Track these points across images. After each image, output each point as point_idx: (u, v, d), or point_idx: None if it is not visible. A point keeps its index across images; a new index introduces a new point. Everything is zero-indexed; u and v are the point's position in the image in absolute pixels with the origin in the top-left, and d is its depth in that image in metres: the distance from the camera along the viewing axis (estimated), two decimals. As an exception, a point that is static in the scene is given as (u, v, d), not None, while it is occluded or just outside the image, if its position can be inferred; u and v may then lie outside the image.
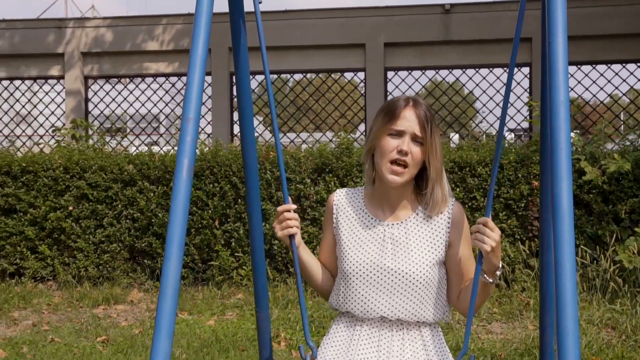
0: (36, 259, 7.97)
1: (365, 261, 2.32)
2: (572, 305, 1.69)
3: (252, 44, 10.05)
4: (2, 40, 11.65)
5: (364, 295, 2.31)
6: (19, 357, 5.63)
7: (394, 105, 2.33)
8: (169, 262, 1.72)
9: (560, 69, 1.87)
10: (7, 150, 8.70)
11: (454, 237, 2.39)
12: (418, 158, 2.28)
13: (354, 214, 2.44)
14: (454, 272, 2.40)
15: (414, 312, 2.30)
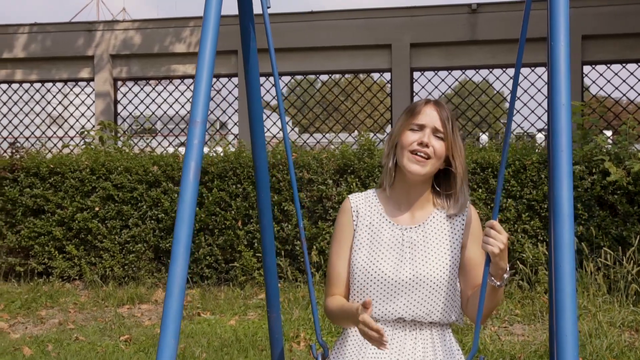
0: (64, 259, 8.11)
1: (385, 266, 2.34)
2: (570, 307, 1.70)
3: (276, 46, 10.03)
4: (34, 44, 11.86)
5: (382, 299, 2.34)
6: (43, 355, 5.74)
7: (415, 104, 2.41)
8: (175, 263, 1.76)
9: (562, 70, 1.87)
10: (36, 152, 8.84)
11: (468, 239, 2.41)
12: (440, 152, 2.31)
13: (372, 218, 2.44)
14: (465, 276, 2.41)
15: (429, 313, 2.33)
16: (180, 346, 5.88)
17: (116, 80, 11.76)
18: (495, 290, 2.28)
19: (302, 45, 11.22)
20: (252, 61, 2.80)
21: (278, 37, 11.24)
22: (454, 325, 2.62)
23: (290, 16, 11.36)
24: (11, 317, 6.96)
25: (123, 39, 11.61)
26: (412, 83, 11.10)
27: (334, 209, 7.45)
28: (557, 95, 1.86)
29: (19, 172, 8.21)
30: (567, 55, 1.89)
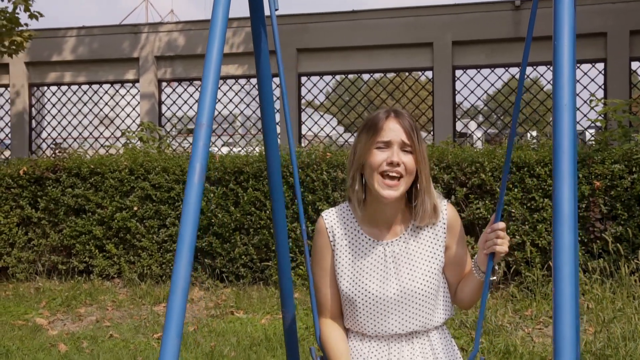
0: (104, 258, 8.27)
1: (371, 286, 2.29)
2: (570, 310, 1.66)
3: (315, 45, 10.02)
4: (82, 47, 12.13)
5: (375, 318, 2.30)
6: (78, 351, 5.88)
7: (375, 118, 2.28)
8: (179, 263, 1.74)
9: (565, 70, 1.82)
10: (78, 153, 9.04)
11: (450, 240, 2.37)
12: (411, 167, 2.22)
13: (349, 237, 2.36)
14: (451, 272, 2.40)
15: (424, 322, 2.31)
16: (211, 344, 5.95)
17: (160, 82, 11.94)
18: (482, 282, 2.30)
19: (343, 45, 11.23)
20: (263, 62, 2.80)
21: (320, 37, 11.34)
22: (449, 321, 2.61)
23: (332, 15, 11.37)
24: (51, 314, 7.14)
25: (167, 41, 11.79)
26: (454, 81, 11.00)
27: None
28: (559, 96, 1.81)
29: (61, 173, 8.40)
30: (571, 54, 1.84)
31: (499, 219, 2.26)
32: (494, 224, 2.23)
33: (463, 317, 6.36)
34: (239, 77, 11.66)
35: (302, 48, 11.30)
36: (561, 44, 1.84)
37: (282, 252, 2.88)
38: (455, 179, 7.43)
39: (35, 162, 8.58)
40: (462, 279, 2.39)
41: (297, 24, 11.34)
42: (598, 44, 10.62)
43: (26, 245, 8.55)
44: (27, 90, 12.30)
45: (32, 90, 12.42)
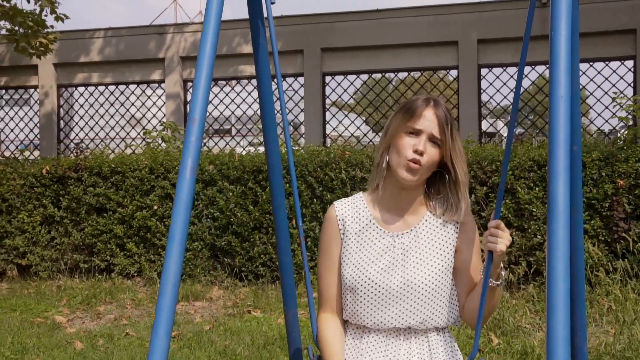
0: (125, 256, 8.33)
1: (375, 275, 2.24)
2: (563, 309, 1.61)
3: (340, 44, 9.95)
4: (109, 48, 12.23)
5: (375, 308, 2.26)
6: (93, 349, 5.90)
7: (413, 104, 2.26)
8: (169, 260, 1.73)
9: (562, 62, 1.78)
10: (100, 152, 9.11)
11: (462, 242, 2.32)
12: (433, 160, 2.20)
13: (360, 227, 2.33)
14: (461, 278, 2.33)
15: (424, 320, 2.26)
16: (225, 343, 5.94)
17: (186, 82, 11.99)
18: (493, 290, 2.22)
19: (368, 44, 11.16)
20: (262, 57, 2.77)
21: (344, 36, 11.29)
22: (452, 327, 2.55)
23: (356, 14, 11.32)
24: (71, 312, 7.20)
25: (192, 41, 11.84)
26: (480, 80, 10.87)
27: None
28: (556, 88, 1.77)
29: (83, 172, 8.48)
30: (567, 45, 1.80)
31: (497, 216, 2.21)
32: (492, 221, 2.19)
33: (481, 317, 6.25)
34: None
35: (326, 47, 11.26)
36: (558, 35, 1.79)
37: (282, 250, 2.85)
38: (475, 178, 7.34)
39: (58, 161, 8.68)
40: (473, 289, 2.32)
41: (321, 23, 11.30)
42: (627, 41, 10.42)
43: (49, 243, 8.64)
44: (55, 91, 12.44)
45: (60, 91, 12.55)
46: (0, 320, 6.82)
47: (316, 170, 7.66)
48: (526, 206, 7.11)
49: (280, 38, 11.39)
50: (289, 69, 11.48)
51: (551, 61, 1.79)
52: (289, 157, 2.58)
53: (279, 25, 11.42)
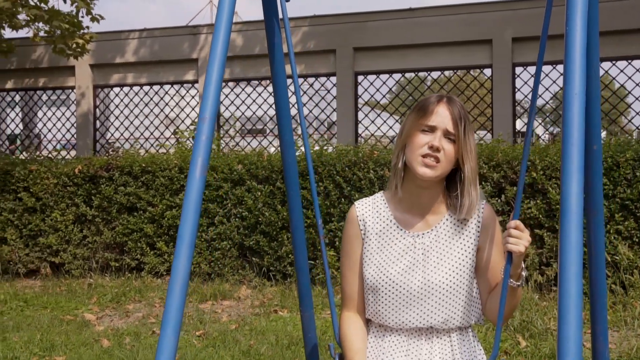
0: (154, 255, 8.39)
1: (396, 276, 2.25)
2: (575, 313, 1.58)
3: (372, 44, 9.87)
4: (143, 49, 12.35)
5: (396, 309, 2.26)
6: (119, 347, 5.95)
7: (426, 101, 2.26)
8: (178, 260, 1.72)
9: (577, 57, 1.74)
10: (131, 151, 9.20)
11: (484, 241, 2.31)
12: (450, 155, 2.19)
13: (381, 226, 2.33)
14: (482, 278, 2.33)
15: (446, 319, 2.25)
16: (250, 343, 5.95)
17: (219, 82, 12.04)
18: (514, 290, 2.21)
19: (401, 43, 11.09)
20: (277, 58, 2.76)
21: (377, 35, 11.23)
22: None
23: (389, 13, 11.26)
24: (100, 310, 7.28)
25: (225, 41, 11.87)
26: (514, 79, 10.73)
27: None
28: (570, 84, 1.74)
29: (114, 171, 8.57)
30: (583, 40, 1.77)
31: (516, 217, 2.19)
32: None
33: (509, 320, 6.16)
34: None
35: (358, 47, 11.22)
36: (573, 29, 1.77)
37: (299, 250, 2.83)
38: (506, 178, 7.24)
39: (90, 160, 8.78)
40: (494, 288, 2.31)
41: (354, 22, 11.26)
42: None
43: (81, 242, 8.75)
44: (91, 91, 12.60)
45: (96, 92, 12.70)
46: (32, 317, 6.92)
47: (344, 170, 7.63)
48: (558, 206, 6.99)
49: (312, 38, 11.40)
50: (322, 69, 11.47)
51: (566, 56, 1.75)
52: (307, 156, 2.57)
53: (312, 25, 11.42)
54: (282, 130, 2.70)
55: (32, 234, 8.93)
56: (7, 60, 12.61)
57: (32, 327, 6.54)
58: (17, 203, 8.94)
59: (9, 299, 7.61)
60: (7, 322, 6.66)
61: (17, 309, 7.28)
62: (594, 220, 2.42)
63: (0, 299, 7.63)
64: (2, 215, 8.99)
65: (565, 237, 1.59)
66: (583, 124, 1.68)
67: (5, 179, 9.01)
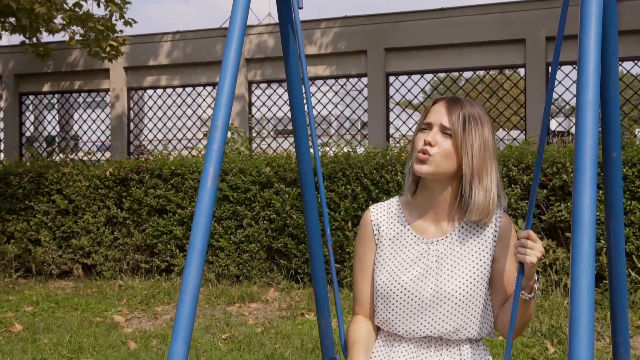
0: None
1: (409, 283, 2.21)
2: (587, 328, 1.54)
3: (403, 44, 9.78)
4: (176, 51, 12.43)
5: (407, 316, 2.22)
6: (146, 349, 5.99)
7: (430, 103, 2.28)
8: (189, 269, 1.71)
9: (591, 65, 1.69)
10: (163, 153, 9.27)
11: (500, 251, 2.26)
12: (446, 150, 2.14)
13: (395, 231, 2.30)
14: (496, 289, 2.28)
15: (457, 329, 2.21)
16: (275, 346, 5.95)
17: (250, 84, 12.08)
18: (527, 303, 2.16)
19: (432, 43, 11.00)
20: (292, 63, 2.74)
21: (408, 36, 11.16)
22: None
23: (420, 14, 11.18)
24: (129, 312, 7.34)
25: (257, 43, 11.91)
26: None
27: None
28: (584, 92, 1.69)
29: (144, 174, 8.64)
30: (597, 48, 1.72)
31: (528, 226, 2.14)
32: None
33: (537, 324, 6.08)
34: (327, 78, 11.64)
35: (390, 47, 11.15)
36: (587, 36, 1.71)
37: (315, 256, 2.80)
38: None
39: (120, 163, 8.87)
40: (507, 300, 2.26)
41: (385, 23, 11.20)
42: None
43: (112, 244, 8.84)
44: (125, 94, 12.72)
45: (130, 94, 12.83)
46: (62, 319, 7.01)
47: (372, 172, 7.59)
48: (588, 210, 6.86)
49: (343, 38, 11.36)
50: (353, 70, 11.43)
51: (580, 63, 1.70)
52: (316, 160, 2.55)
53: (343, 26, 11.38)
54: (297, 135, 2.68)
55: (64, 236, 9.06)
56: (44, 64, 12.81)
57: (62, 328, 6.62)
58: (50, 205, 9.07)
59: (41, 300, 7.72)
60: (38, 324, 6.75)
61: (49, 310, 7.38)
62: (614, 227, 2.35)
63: (33, 300, 7.74)
64: (36, 217, 9.13)
65: (577, 250, 1.55)
66: (597, 134, 1.63)
67: (39, 182, 9.15)
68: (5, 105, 13.21)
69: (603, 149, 2.17)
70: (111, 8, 10.22)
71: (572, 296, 1.51)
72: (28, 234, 9.18)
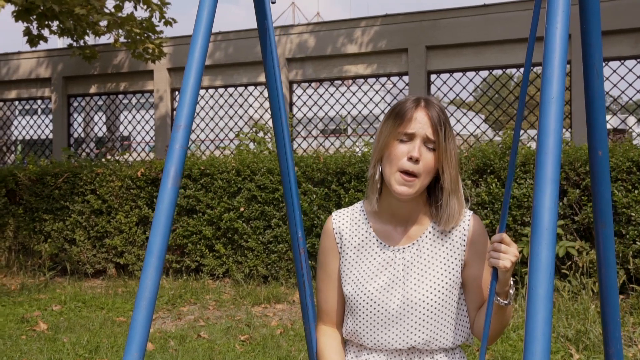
0: (213, 257, 8.42)
1: (374, 293, 2.09)
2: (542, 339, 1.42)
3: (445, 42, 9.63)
4: (218, 52, 12.46)
5: (374, 328, 2.11)
6: (162, 350, 5.97)
7: (403, 106, 2.08)
8: (146, 275, 1.64)
9: (556, 59, 1.59)
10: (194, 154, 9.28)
11: (471, 256, 2.13)
12: (430, 166, 2.02)
13: (359, 239, 2.18)
14: (471, 295, 2.15)
15: (428, 340, 2.09)
16: (291, 349, 5.85)
17: (291, 83, 12.02)
18: (503, 308, 2.03)
19: (474, 40, 10.75)
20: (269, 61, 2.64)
21: (450, 33, 10.92)
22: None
23: (462, 10, 10.93)
24: (155, 312, 7.32)
25: (298, 43, 11.84)
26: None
27: (472, 211, 7.02)
28: (547, 88, 1.58)
29: (175, 174, 8.64)
30: (563, 41, 1.60)
31: (502, 229, 2.00)
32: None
33: (562, 329, 5.82)
34: (367, 77, 11.48)
35: (431, 45, 10.93)
36: (552, 27, 1.62)
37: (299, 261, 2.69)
38: (568, 180, 6.87)
39: (152, 163, 8.90)
40: (483, 305, 2.14)
41: (426, 20, 11.00)
42: None
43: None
44: (169, 94, 12.82)
45: (173, 95, 12.92)
46: (87, 318, 7.05)
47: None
48: (624, 210, 6.57)
49: (384, 37, 11.20)
50: (394, 68, 11.26)
51: (545, 56, 1.59)
52: (288, 161, 2.43)
53: (384, 25, 11.22)
54: (277, 135, 2.56)
55: (98, 235, 9.14)
56: (91, 66, 13.01)
57: (84, 328, 6.65)
58: (85, 205, 9.17)
59: (68, 299, 7.79)
60: (62, 323, 6.80)
61: (75, 309, 7.44)
62: (602, 232, 2.17)
63: (61, 299, 7.82)
64: (71, 217, 9.25)
65: (534, 256, 1.43)
66: (560, 131, 1.52)
67: (74, 182, 9.26)
68: (55, 107, 13.46)
69: (589, 147, 2.04)
70: (151, 8, 10.30)
71: (528, 305, 1.41)
72: (64, 233, 9.30)
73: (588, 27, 2.06)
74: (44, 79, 13.63)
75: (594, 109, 2.04)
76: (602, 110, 2.08)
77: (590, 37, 2.06)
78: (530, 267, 1.44)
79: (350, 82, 12.01)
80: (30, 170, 9.55)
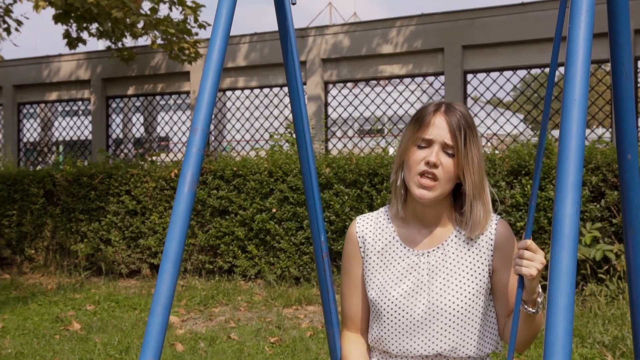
0: (246, 258, 8.42)
1: (399, 299, 2.07)
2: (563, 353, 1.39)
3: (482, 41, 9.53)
4: (254, 53, 12.48)
5: (399, 334, 2.08)
6: (192, 352, 5.97)
7: (423, 112, 2.08)
8: (162, 280, 1.63)
9: (579, 60, 1.56)
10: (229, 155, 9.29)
11: (499, 262, 2.09)
12: (450, 171, 2.00)
13: (383, 245, 2.16)
14: (500, 302, 2.11)
15: (455, 347, 2.05)
16: (320, 351, 5.81)
17: (327, 84, 11.98)
18: (532, 317, 1.98)
19: (512, 39, 10.59)
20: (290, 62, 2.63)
21: (486, 32, 10.77)
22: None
23: (499, 9, 10.79)
24: (186, 312, 7.36)
25: (333, 43, 11.80)
26: (637, 74, 9.97)
27: (507, 213, 6.91)
28: (569, 89, 1.54)
29: (207, 175, 8.67)
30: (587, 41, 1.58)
31: (527, 235, 1.95)
32: None
33: (598, 335, 5.68)
34: (403, 77, 11.39)
35: (467, 45, 10.80)
36: (576, 27, 1.59)
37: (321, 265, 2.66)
38: (605, 182, 6.70)
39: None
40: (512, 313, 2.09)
41: (462, 20, 10.87)
42: None
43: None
44: (205, 96, 12.87)
45: (210, 96, 12.97)
46: (120, 318, 7.09)
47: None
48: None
49: (419, 37, 11.10)
50: (429, 68, 11.15)
51: (567, 58, 1.56)
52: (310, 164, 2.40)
53: (419, 24, 11.13)
54: (298, 137, 2.52)
55: (133, 236, 9.21)
56: (129, 68, 13.13)
57: (116, 328, 6.69)
58: (119, 206, 9.24)
59: (102, 299, 7.85)
60: (95, 323, 6.85)
61: (109, 309, 7.49)
62: (632, 238, 2.09)
63: (95, 299, 7.88)
64: (107, 218, 9.33)
65: (555, 263, 1.39)
66: (583, 135, 1.48)
67: (109, 183, 9.34)
68: (94, 108, 13.62)
69: (617, 150, 1.96)
70: (185, 11, 10.36)
71: (548, 315, 1.38)
72: (99, 233, 9.39)
73: (616, 26, 1.99)
74: (83, 80, 13.80)
75: (623, 110, 1.96)
76: (632, 112, 2.00)
77: (619, 37, 1.97)
78: (551, 276, 1.39)
79: (386, 82, 11.92)
80: (67, 172, 9.66)
